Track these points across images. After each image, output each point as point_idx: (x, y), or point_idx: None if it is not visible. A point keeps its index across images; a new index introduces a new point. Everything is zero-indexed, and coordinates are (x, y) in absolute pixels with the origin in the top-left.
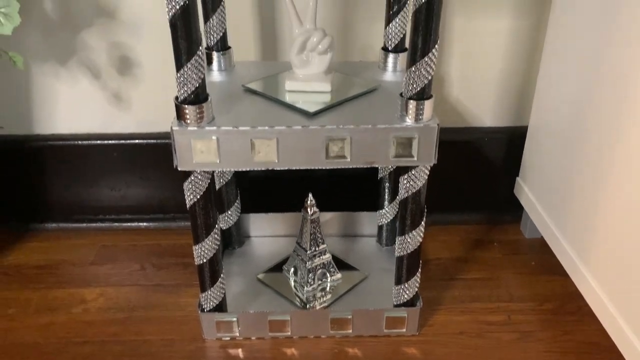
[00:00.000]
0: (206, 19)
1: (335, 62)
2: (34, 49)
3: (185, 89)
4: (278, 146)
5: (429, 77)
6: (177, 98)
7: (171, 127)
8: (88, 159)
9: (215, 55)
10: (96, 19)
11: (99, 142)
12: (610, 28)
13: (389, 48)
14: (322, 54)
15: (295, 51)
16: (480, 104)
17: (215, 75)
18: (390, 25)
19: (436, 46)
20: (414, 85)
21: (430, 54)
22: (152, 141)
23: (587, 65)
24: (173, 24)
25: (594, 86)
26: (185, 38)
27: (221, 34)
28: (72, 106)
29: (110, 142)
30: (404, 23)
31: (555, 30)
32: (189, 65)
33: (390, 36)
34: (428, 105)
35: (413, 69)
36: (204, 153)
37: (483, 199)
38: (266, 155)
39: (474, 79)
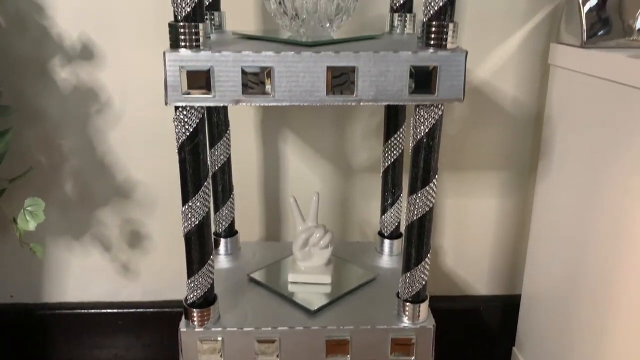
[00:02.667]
0: (216, 209)
1: (334, 242)
2: (51, 224)
3: (195, 294)
4: (280, 346)
5: (423, 282)
6: (186, 300)
7: (179, 328)
8: (93, 327)
9: (222, 240)
10: (112, 199)
11: (105, 310)
12: (593, 202)
13: (385, 234)
14: (323, 248)
15: (298, 246)
16: (474, 273)
17: (222, 260)
18: (386, 214)
19: (429, 255)
20: (410, 289)
21: (423, 262)
22: (157, 309)
23: (575, 235)
24: (188, 238)
25: (584, 256)
26: (198, 250)
27: (229, 221)
28: (82, 276)
29: (116, 310)
30: (399, 213)
31: (541, 205)
32: (199, 273)
33: (385, 224)
34: (424, 307)
35: (408, 274)
36: (209, 352)
37: None
38: (268, 355)
39: (467, 249)
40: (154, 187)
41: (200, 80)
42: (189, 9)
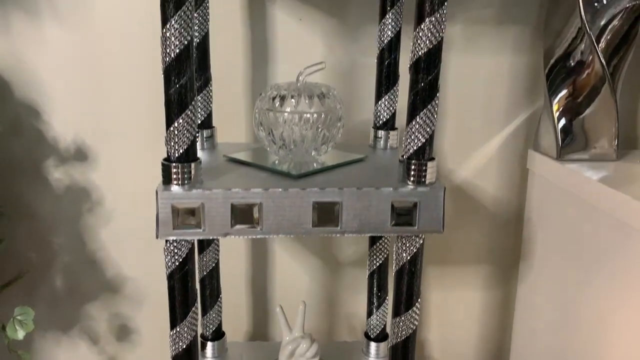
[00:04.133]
0: (204, 312)
1: (322, 345)
2: (39, 319)
3: None
4: None
5: None
6: None
7: None
8: None
9: (209, 344)
10: (101, 294)
11: None
12: (573, 301)
13: (371, 336)
14: (310, 359)
15: (285, 357)
16: None
17: None
18: (372, 317)
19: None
20: None
21: None
22: None
23: (556, 331)
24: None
25: (566, 351)
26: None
27: (217, 325)
28: None
29: None
30: (384, 315)
31: (523, 302)
32: None
33: (372, 326)
34: None
35: None
36: None
37: None
38: None
39: (452, 341)
40: (144, 282)
41: (191, 216)
42: (181, 151)
